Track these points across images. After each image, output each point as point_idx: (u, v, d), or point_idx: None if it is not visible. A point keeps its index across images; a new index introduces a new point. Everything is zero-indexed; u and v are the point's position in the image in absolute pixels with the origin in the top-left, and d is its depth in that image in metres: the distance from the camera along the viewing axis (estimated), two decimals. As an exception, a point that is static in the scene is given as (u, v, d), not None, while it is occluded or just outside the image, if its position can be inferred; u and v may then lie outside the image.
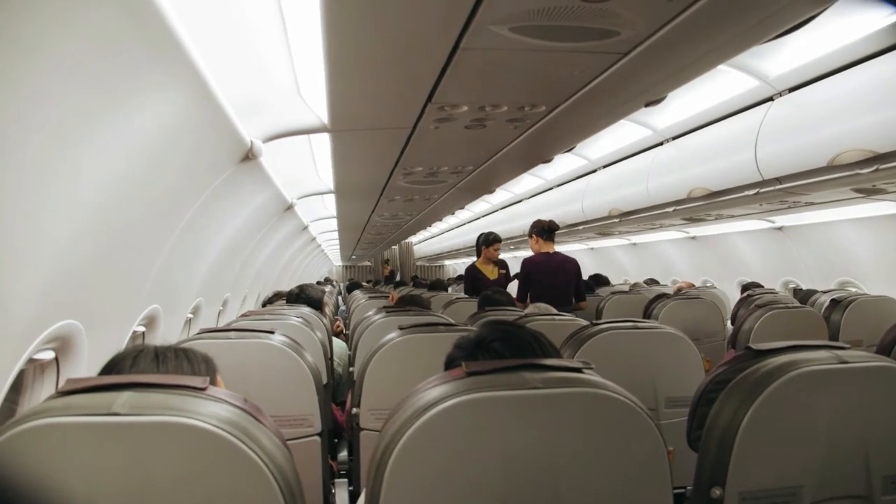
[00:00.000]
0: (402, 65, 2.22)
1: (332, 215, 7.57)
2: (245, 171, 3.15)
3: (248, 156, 2.90)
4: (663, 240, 8.06)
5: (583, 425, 1.02)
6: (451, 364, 1.35)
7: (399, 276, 14.43)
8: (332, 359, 3.43)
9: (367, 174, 4.53)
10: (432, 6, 1.76)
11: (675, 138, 4.77)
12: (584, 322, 2.58)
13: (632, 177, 5.26)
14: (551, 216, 6.59)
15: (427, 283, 7.51)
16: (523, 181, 7.19)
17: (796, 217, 5.56)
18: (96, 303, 2.20)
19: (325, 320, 3.61)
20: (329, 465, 2.35)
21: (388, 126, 3.06)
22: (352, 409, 2.21)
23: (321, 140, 3.65)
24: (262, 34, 2.32)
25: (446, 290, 6.64)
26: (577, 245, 10.42)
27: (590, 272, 7.64)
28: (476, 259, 5.75)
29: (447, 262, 21.87)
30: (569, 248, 10.67)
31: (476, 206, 9.53)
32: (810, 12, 1.93)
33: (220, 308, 4.99)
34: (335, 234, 10.76)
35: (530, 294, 4.78)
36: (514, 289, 4.99)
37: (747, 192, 3.99)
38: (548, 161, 4.64)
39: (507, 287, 5.45)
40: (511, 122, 3.05)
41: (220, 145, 2.65)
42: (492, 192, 6.45)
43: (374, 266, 20.86)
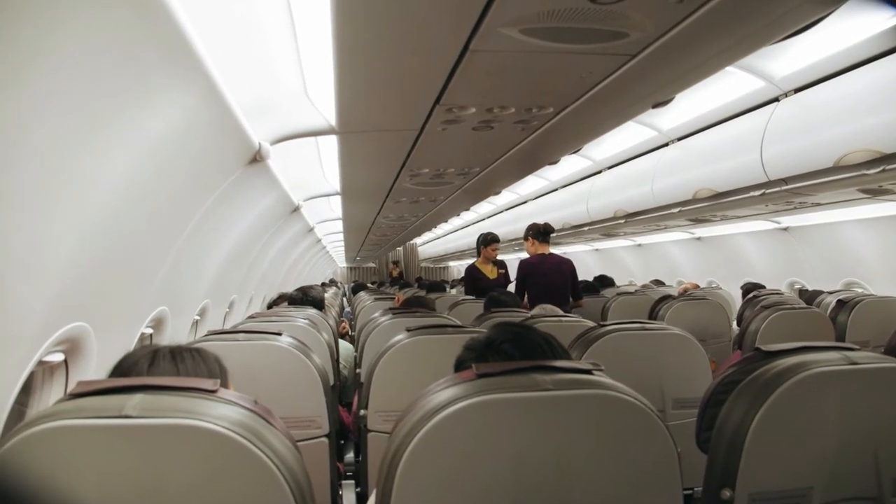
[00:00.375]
0: (411, 67, 2.22)
1: (338, 217, 7.57)
2: (253, 173, 3.15)
3: (256, 158, 2.90)
4: (668, 241, 8.05)
5: (594, 427, 1.02)
6: (460, 366, 1.35)
7: (402, 278, 14.44)
8: (338, 360, 3.43)
9: (373, 176, 4.54)
10: (443, 9, 1.76)
11: (680, 139, 4.76)
12: (591, 323, 2.58)
13: (637, 178, 5.26)
14: (556, 217, 6.63)
15: (427, 285, 7.45)
16: (528, 182, 7.19)
17: (802, 217, 5.55)
18: (105, 305, 2.20)
19: (330, 322, 3.61)
20: (336, 467, 2.36)
21: (395, 128, 3.06)
22: (359, 411, 2.20)
23: (328, 142, 3.65)
24: (271, 36, 2.32)
25: (444, 290, 6.64)
26: (581, 246, 10.40)
27: (595, 273, 7.64)
28: (476, 259, 5.87)
29: (451, 264, 21.86)
30: (573, 249, 10.66)
31: (481, 207, 9.52)
32: (819, 14, 1.93)
33: (227, 310, 5.00)
34: (340, 236, 10.76)
35: (529, 295, 4.88)
36: (513, 289, 5.08)
37: (753, 193, 3.98)
38: (554, 162, 4.66)
39: (506, 287, 5.57)
40: (518, 123, 3.05)
41: (229, 147, 2.65)
42: (497, 193, 6.46)
43: (379, 267, 20.87)
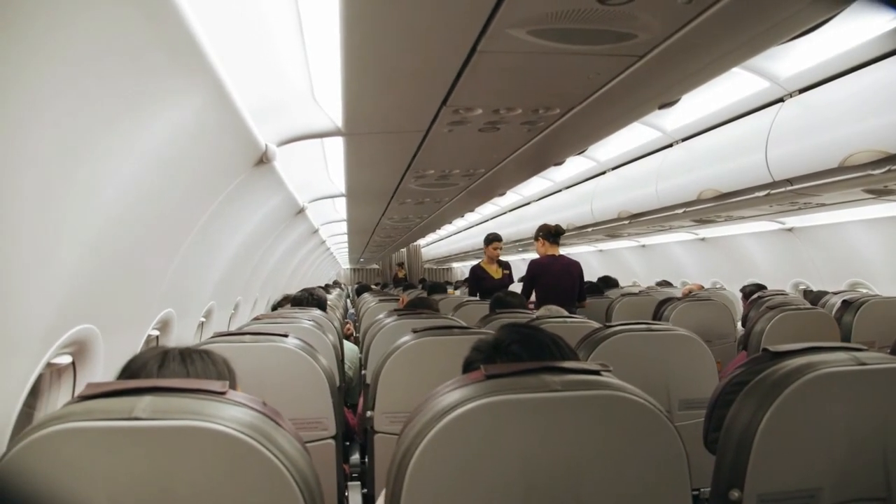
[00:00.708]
0: (418, 68, 2.22)
1: (343, 218, 7.57)
2: (259, 175, 3.15)
3: (263, 159, 2.90)
4: (672, 241, 8.04)
5: (603, 428, 1.03)
6: (469, 367, 1.36)
7: (406, 279, 14.45)
8: (342, 362, 3.43)
9: (379, 177, 4.54)
10: (451, 10, 1.76)
11: (684, 140, 4.76)
12: (596, 324, 2.58)
13: (641, 178, 5.26)
14: (560, 218, 6.63)
15: (429, 286, 7.42)
16: (532, 183, 7.19)
17: (806, 218, 5.54)
18: (112, 307, 2.20)
19: (335, 323, 3.61)
20: (343, 469, 2.36)
21: (401, 129, 3.06)
22: (365, 413, 2.21)
23: (334, 143, 3.65)
24: (278, 37, 2.32)
25: (445, 291, 6.65)
26: (585, 247, 10.39)
27: (598, 274, 7.64)
28: (482, 259, 6.01)
29: (455, 265, 21.85)
30: (577, 249, 10.65)
31: (484, 208, 9.51)
32: (826, 15, 1.93)
33: (232, 312, 5.01)
34: (344, 237, 10.76)
35: (537, 295, 4.93)
36: (516, 289, 5.13)
37: (758, 194, 3.98)
38: (559, 163, 4.67)
39: (510, 287, 5.70)
40: (525, 124, 3.05)
41: (236, 149, 2.66)
42: (502, 194, 6.47)
43: (383, 269, 20.86)
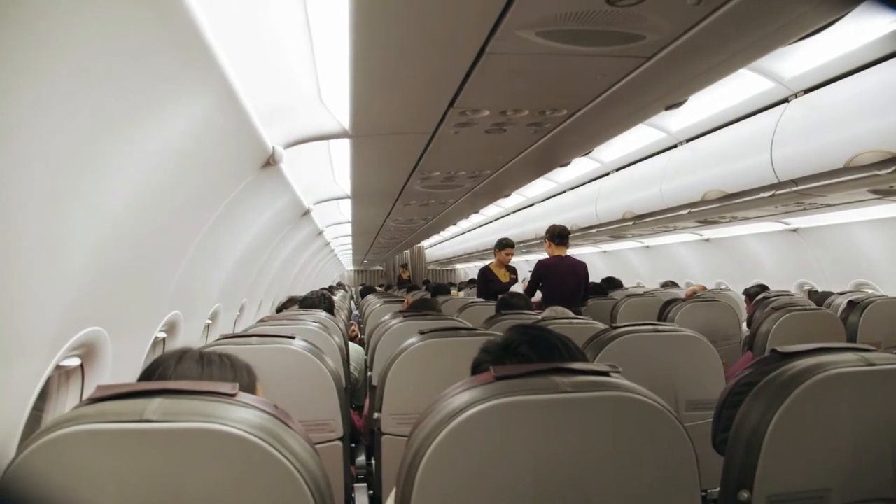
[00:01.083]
0: (427, 70, 2.23)
1: (347, 220, 7.58)
2: (265, 177, 3.16)
3: (270, 162, 2.90)
4: (676, 242, 8.04)
5: (612, 429, 1.03)
6: (477, 368, 1.36)
7: (410, 281, 14.45)
8: (348, 363, 3.43)
9: (384, 179, 4.55)
10: (461, 12, 1.77)
11: (689, 140, 4.76)
12: (602, 325, 2.58)
13: (646, 179, 5.27)
14: (565, 219, 6.63)
15: (433, 287, 7.44)
16: (536, 184, 7.19)
17: (811, 219, 5.54)
18: (120, 310, 2.21)
19: (341, 325, 3.62)
20: (350, 470, 2.36)
21: (408, 131, 3.06)
22: (372, 414, 2.21)
23: (339, 145, 3.66)
24: (286, 39, 2.32)
25: (449, 292, 6.67)
26: (589, 248, 10.39)
27: (602, 275, 7.63)
28: (491, 262, 6.15)
29: (458, 266, 21.85)
30: (581, 251, 10.65)
31: (489, 209, 9.51)
32: (833, 16, 1.93)
33: (237, 314, 5.01)
34: (349, 239, 10.77)
35: (543, 295, 5.03)
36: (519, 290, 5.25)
37: (763, 195, 3.98)
38: (565, 164, 4.68)
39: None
40: (531, 125, 3.05)
41: (243, 151, 2.66)
42: (507, 195, 6.47)
43: (386, 270, 20.86)
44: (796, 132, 3.50)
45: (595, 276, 7.89)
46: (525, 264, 12.14)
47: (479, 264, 12.66)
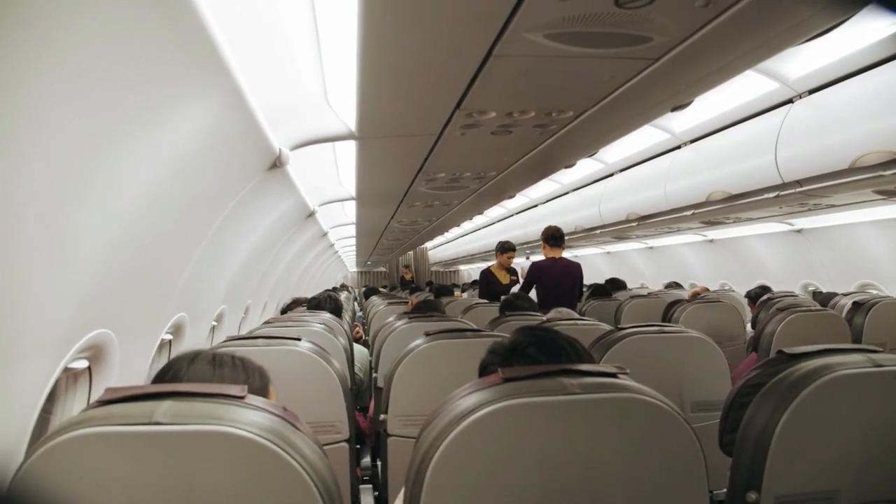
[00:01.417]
0: (434, 72, 2.23)
1: (351, 221, 7.58)
2: (271, 179, 3.15)
3: (276, 163, 2.90)
4: (680, 243, 8.03)
5: (620, 430, 1.03)
6: (485, 370, 1.36)
7: (413, 282, 14.46)
8: (353, 364, 3.44)
9: (389, 181, 4.55)
10: (470, 15, 1.77)
11: (693, 141, 4.76)
12: (607, 326, 2.58)
13: (649, 180, 5.27)
14: (568, 220, 6.65)
15: (436, 289, 7.46)
16: (540, 186, 7.19)
17: (815, 219, 5.53)
18: (128, 312, 2.21)
19: (345, 326, 3.62)
20: (356, 472, 2.36)
21: (414, 133, 3.06)
22: (378, 416, 2.21)
23: (345, 147, 3.66)
24: (294, 42, 2.33)
25: (452, 294, 6.69)
26: (592, 249, 10.38)
27: (606, 276, 7.63)
28: (493, 264, 6.30)
29: (462, 267, 21.83)
30: (584, 252, 10.65)
31: (492, 210, 9.52)
32: (840, 18, 1.93)
33: (242, 315, 5.02)
34: (352, 241, 10.76)
35: (538, 296, 5.07)
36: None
37: (767, 196, 3.97)
38: (570, 166, 4.69)
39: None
40: (537, 127, 3.04)
41: (250, 154, 2.66)
42: (511, 197, 6.48)
43: (390, 272, 20.88)
44: (801, 133, 3.50)
45: (599, 277, 7.91)
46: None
47: (483, 265, 12.64)
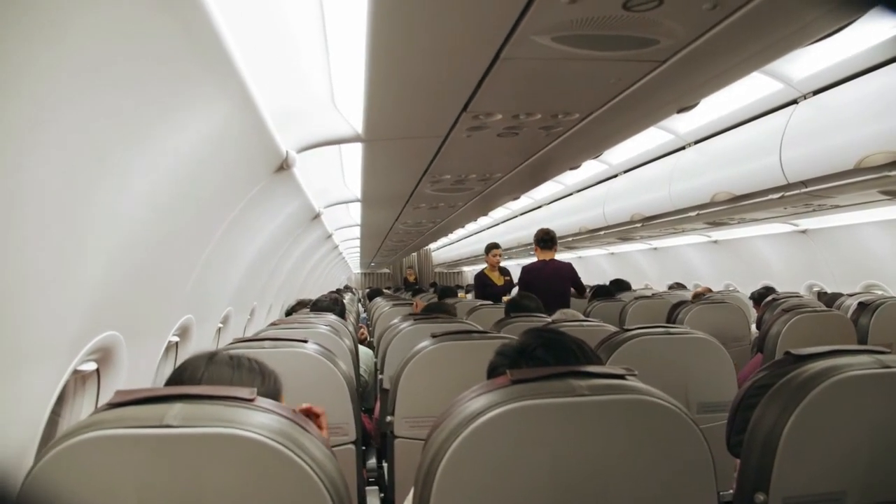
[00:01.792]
0: (442, 75, 2.23)
1: (356, 223, 7.58)
2: (278, 182, 3.15)
3: (283, 166, 2.89)
4: (684, 244, 8.02)
5: (629, 432, 1.03)
6: (493, 372, 1.36)
7: (417, 284, 14.42)
8: (358, 366, 3.44)
9: (395, 183, 4.55)
10: (478, 18, 1.77)
11: (697, 142, 4.76)
12: (612, 328, 2.58)
13: (654, 181, 5.27)
14: (572, 221, 6.66)
15: (440, 290, 7.48)
16: (544, 187, 7.18)
17: (820, 220, 5.53)
18: (136, 314, 2.22)
19: (350, 328, 3.62)
20: (362, 474, 2.36)
21: (421, 135, 3.06)
22: (385, 417, 2.21)
23: (351, 149, 3.66)
24: (302, 45, 2.33)
25: (456, 295, 6.72)
26: (596, 250, 10.38)
27: (610, 277, 7.63)
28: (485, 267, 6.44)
29: (465, 269, 21.82)
30: (588, 253, 10.65)
31: (496, 212, 9.51)
32: (846, 20, 1.93)
33: (248, 317, 5.03)
34: (357, 242, 10.75)
35: None
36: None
37: (772, 196, 3.97)
38: (575, 167, 4.69)
39: (511, 292, 6.13)
40: (543, 129, 3.05)
41: (258, 156, 2.66)
42: (516, 198, 6.49)
43: (393, 273, 20.87)
44: (805, 134, 3.50)
45: (602, 278, 7.90)
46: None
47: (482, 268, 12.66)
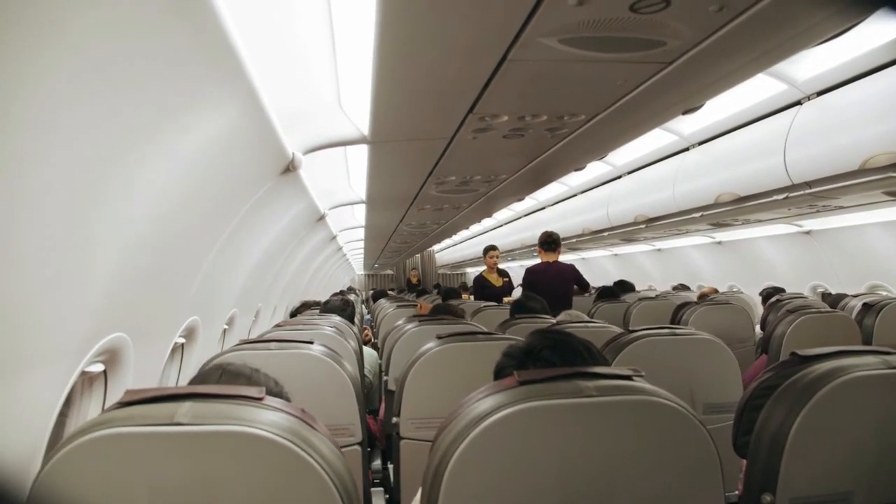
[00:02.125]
0: (449, 77, 2.23)
1: (360, 225, 7.59)
2: (284, 183, 3.16)
3: (289, 168, 2.90)
4: (688, 245, 8.01)
5: (637, 432, 1.03)
6: (500, 373, 1.36)
7: (421, 285, 14.38)
8: (362, 367, 3.44)
9: (400, 184, 4.56)
10: (486, 20, 1.78)
11: (701, 143, 4.76)
12: (617, 329, 2.58)
13: (658, 182, 5.26)
14: (576, 223, 6.66)
15: (444, 291, 7.48)
16: (548, 188, 7.19)
17: (824, 221, 5.52)
18: (143, 315, 2.23)
19: (355, 329, 3.62)
20: (368, 475, 2.36)
21: (426, 137, 3.06)
22: (390, 418, 2.21)
23: (356, 151, 3.67)
24: (309, 47, 2.34)
25: (460, 296, 6.73)
26: (600, 251, 10.36)
27: (614, 278, 7.62)
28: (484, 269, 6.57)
29: (469, 270, 21.79)
30: (592, 254, 10.64)
31: (500, 213, 9.50)
32: (852, 21, 1.93)
33: (253, 318, 5.03)
34: (361, 244, 10.75)
35: None
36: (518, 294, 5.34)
37: (776, 197, 3.97)
38: (580, 169, 4.70)
39: (510, 294, 6.33)
40: (549, 130, 3.05)
41: (265, 158, 2.67)
42: (521, 199, 6.50)
43: (397, 274, 20.85)
44: (810, 134, 3.49)
45: (606, 280, 7.89)
46: (521, 270, 12.09)
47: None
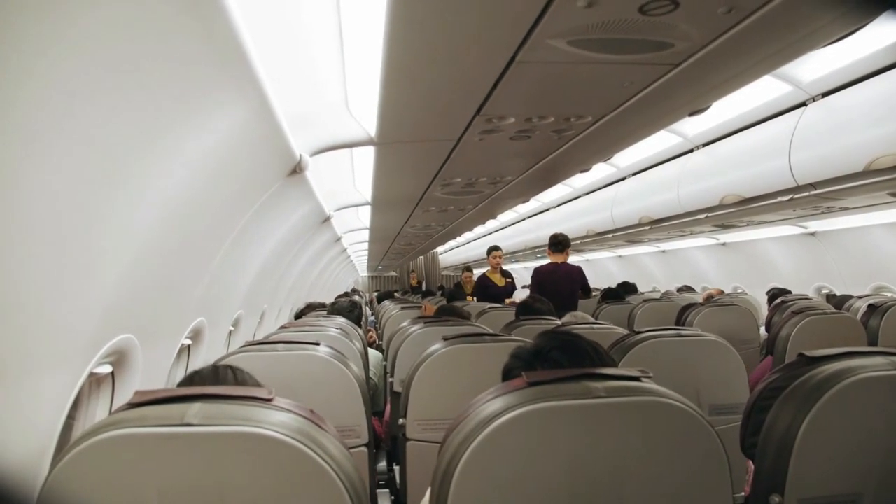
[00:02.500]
0: (457, 78, 2.24)
1: (365, 226, 7.59)
2: (291, 185, 3.16)
3: (296, 170, 2.90)
4: (692, 246, 8.00)
5: (646, 433, 1.03)
6: (508, 374, 1.36)
7: (424, 286, 14.33)
8: (367, 369, 3.44)
9: (406, 186, 4.57)
10: (494, 21, 1.78)
11: (706, 145, 4.75)
12: (623, 330, 2.58)
13: (662, 184, 5.26)
14: (580, 224, 6.66)
15: (448, 293, 7.45)
16: (552, 189, 7.18)
17: (829, 222, 5.51)
18: (150, 317, 2.24)
19: (360, 331, 3.63)
20: (374, 476, 2.36)
21: (433, 138, 3.06)
22: (397, 420, 2.21)
23: (362, 152, 3.67)
24: (318, 49, 2.35)
25: (464, 298, 6.72)
26: (604, 253, 10.36)
27: (618, 280, 7.62)
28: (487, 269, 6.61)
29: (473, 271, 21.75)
30: (596, 255, 10.63)
31: (504, 214, 9.49)
32: (859, 23, 1.93)
33: (258, 320, 5.04)
34: (365, 245, 10.76)
35: None
36: (521, 295, 5.40)
37: (781, 199, 3.96)
38: (586, 170, 4.70)
39: (512, 294, 6.41)
40: (556, 132, 3.05)
41: (272, 160, 2.67)
42: (526, 201, 6.50)
43: (400, 276, 20.82)
44: (815, 136, 3.49)
45: (610, 281, 7.90)
46: (524, 271, 12.08)
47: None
